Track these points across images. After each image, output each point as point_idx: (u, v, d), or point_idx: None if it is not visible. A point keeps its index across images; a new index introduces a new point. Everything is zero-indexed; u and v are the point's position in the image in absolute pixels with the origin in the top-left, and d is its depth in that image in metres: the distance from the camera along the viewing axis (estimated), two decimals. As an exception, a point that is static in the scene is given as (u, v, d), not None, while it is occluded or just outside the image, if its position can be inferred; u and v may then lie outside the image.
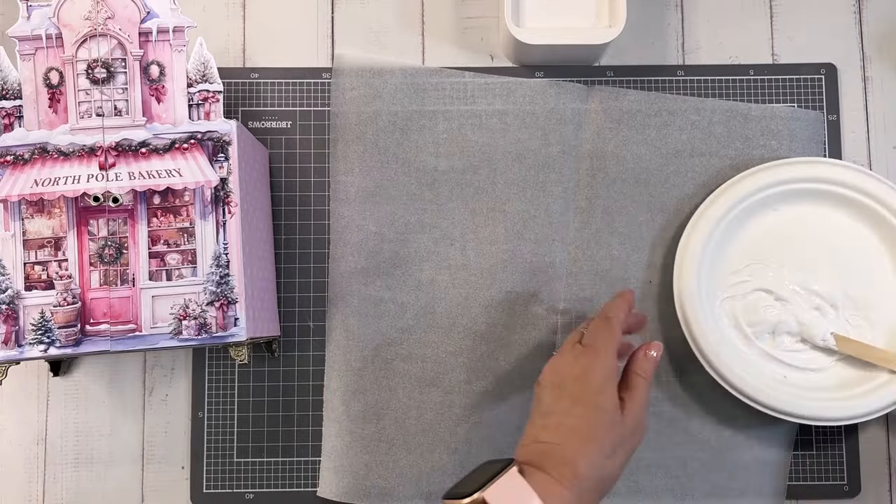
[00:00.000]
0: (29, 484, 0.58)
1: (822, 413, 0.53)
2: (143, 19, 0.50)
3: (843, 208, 0.57)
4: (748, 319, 0.56)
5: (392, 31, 0.61)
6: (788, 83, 0.60)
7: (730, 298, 0.57)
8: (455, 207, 0.58)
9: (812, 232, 0.57)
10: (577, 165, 0.58)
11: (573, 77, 0.60)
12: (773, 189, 0.56)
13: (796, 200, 0.57)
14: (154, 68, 0.50)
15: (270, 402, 0.58)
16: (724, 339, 0.55)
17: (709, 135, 0.59)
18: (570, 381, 0.45)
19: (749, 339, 0.56)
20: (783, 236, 0.57)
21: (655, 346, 0.48)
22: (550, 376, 0.46)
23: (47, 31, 0.50)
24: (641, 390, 0.46)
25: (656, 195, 0.58)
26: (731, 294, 0.57)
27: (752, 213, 0.57)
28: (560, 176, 0.58)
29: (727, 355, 0.54)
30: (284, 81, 0.60)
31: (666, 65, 0.61)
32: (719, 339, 0.55)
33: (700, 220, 0.56)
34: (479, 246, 0.58)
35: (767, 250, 0.57)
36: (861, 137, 0.61)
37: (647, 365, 0.47)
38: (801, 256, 0.57)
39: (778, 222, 0.57)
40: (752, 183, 0.56)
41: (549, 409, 0.45)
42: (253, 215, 0.52)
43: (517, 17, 0.58)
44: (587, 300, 0.57)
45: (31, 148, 0.49)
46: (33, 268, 0.48)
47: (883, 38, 0.61)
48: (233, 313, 0.48)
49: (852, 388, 0.55)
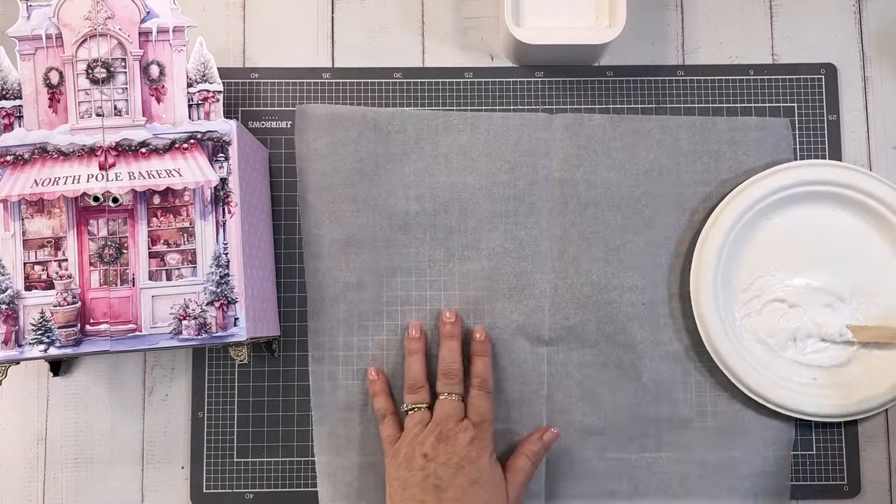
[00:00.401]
0: (29, 484, 0.58)
1: (866, 405, 0.55)
2: (143, 19, 0.50)
3: (827, 203, 0.58)
4: (768, 332, 0.57)
5: (392, 31, 0.61)
6: (788, 83, 0.60)
7: (746, 317, 0.57)
8: (430, 249, 0.58)
9: (805, 233, 0.58)
10: (549, 195, 0.58)
11: (573, 77, 0.60)
12: (764, 201, 0.57)
13: (785, 206, 0.58)
14: (154, 68, 0.50)
15: (270, 402, 0.58)
16: (755, 358, 0.56)
17: (675, 152, 0.59)
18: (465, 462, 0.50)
19: (774, 351, 0.57)
20: (780, 243, 0.58)
21: (550, 434, 0.54)
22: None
23: (47, 31, 0.50)
24: (526, 472, 0.53)
25: (629, 217, 0.58)
26: (746, 312, 0.57)
27: (750, 227, 0.57)
28: (532, 207, 0.58)
29: (760, 374, 0.55)
30: (284, 81, 0.60)
31: (666, 65, 0.61)
32: (750, 361, 0.55)
33: (703, 249, 0.56)
34: (456, 285, 0.58)
35: (768, 260, 0.58)
36: (861, 137, 0.61)
37: (539, 447, 0.54)
38: (802, 259, 0.58)
39: (772, 231, 0.58)
40: (743, 200, 0.56)
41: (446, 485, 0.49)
42: (253, 215, 0.52)
43: (517, 16, 0.58)
44: (571, 328, 0.57)
45: (30, 148, 0.49)
46: (33, 268, 0.48)
47: (883, 38, 0.61)
48: (233, 313, 0.48)
49: (880, 374, 0.56)
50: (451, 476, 0.49)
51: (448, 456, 0.50)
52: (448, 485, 0.49)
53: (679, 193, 0.58)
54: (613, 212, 0.58)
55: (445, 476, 0.49)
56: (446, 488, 0.49)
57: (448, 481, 0.49)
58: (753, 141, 0.59)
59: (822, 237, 0.58)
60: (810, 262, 0.57)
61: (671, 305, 0.58)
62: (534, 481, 0.56)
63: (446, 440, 0.50)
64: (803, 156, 0.60)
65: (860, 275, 0.57)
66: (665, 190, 0.58)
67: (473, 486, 0.49)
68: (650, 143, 0.59)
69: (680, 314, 0.58)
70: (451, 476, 0.49)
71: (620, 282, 0.58)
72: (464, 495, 0.49)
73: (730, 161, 0.59)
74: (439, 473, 0.49)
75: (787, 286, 0.57)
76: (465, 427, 0.51)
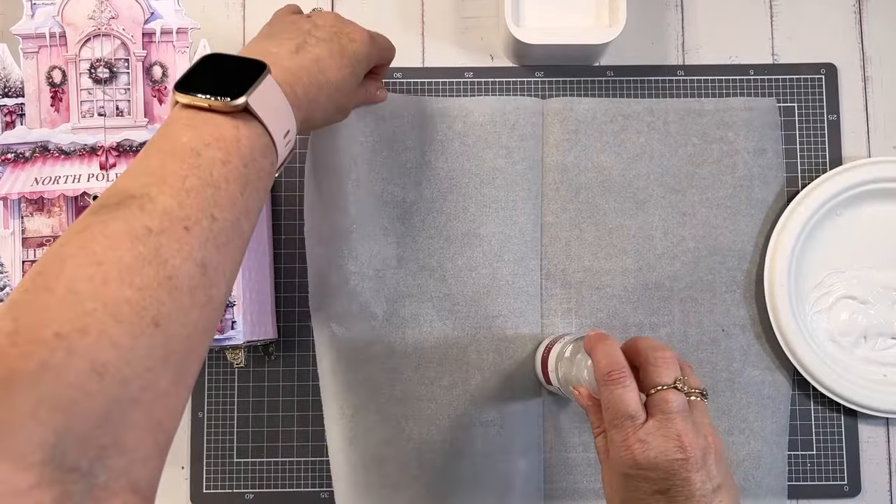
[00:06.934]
0: (29, 483, 0.58)
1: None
2: (146, 20, 0.50)
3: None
4: (840, 329, 0.58)
5: (392, 31, 0.61)
6: (788, 83, 0.60)
7: (817, 313, 0.58)
8: (429, 237, 0.57)
9: (875, 230, 0.58)
10: (542, 180, 0.58)
11: (573, 77, 0.60)
12: (836, 199, 0.57)
13: (856, 204, 0.58)
14: (157, 69, 0.51)
15: (270, 402, 0.58)
16: (828, 355, 0.57)
17: (665, 134, 0.59)
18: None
19: (846, 349, 0.57)
20: (850, 240, 0.58)
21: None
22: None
23: (51, 30, 0.50)
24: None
25: (621, 200, 0.58)
26: (818, 308, 0.58)
27: (821, 223, 0.58)
28: (528, 192, 0.58)
29: (833, 371, 0.56)
30: (285, 81, 0.60)
31: (666, 65, 0.61)
32: (823, 358, 0.56)
33: (777, 247, 0.56)
34: (458, 274, 0.57)
35: (839, 257, 0.58)
36: (861, 137, 0.61)
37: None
38: (872, 256, 0.58)
39: (843, 228, 0.58)
40: (815, 198, 0.57)
41: None
42: (253, 214, 0.52)
43: (517, 16, 0.58)
44: (565, 314, 0.57)
45: (32, 146, 0.49)
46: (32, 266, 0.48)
47: (883, 38, 0.61)
48: (230, 316, 0.48)
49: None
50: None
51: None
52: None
53: (671, 175, 0.58)
54: (605, 196, 0.58)
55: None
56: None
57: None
58: (742, 121, 0.59)
59: (891, 234, 0.58)
60: (881, 260, 0.58)
61: (669, 287, 0.57)
62: (532, 477, 0.56)
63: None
64: (803, 156, 0.60)
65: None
66: (656, 172, 0.58)
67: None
68: (640, 125, 0.59)
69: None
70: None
71: (612, 266, 0.57)
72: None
73: (720, 142, 0.59)
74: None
75: (859, 283, 0.58)
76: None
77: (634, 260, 0.58)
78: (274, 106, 0.37)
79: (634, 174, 0.58)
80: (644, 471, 0.36)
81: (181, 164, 0.33)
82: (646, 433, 0.37)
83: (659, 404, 0.38)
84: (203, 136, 0.34)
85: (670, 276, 0.58)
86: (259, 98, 0.36)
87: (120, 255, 0.29)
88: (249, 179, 0.35)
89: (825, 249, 0.58)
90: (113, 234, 0.30)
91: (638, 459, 0.37)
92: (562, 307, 0.57)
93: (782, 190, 0.59)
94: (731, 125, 0.59)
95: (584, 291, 0.57)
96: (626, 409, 0.38)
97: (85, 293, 0.28)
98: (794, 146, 0.60)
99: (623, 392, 0.38)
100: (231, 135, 0.35)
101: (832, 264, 0.58)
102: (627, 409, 0.38)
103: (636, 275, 0.57)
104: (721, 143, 0.59)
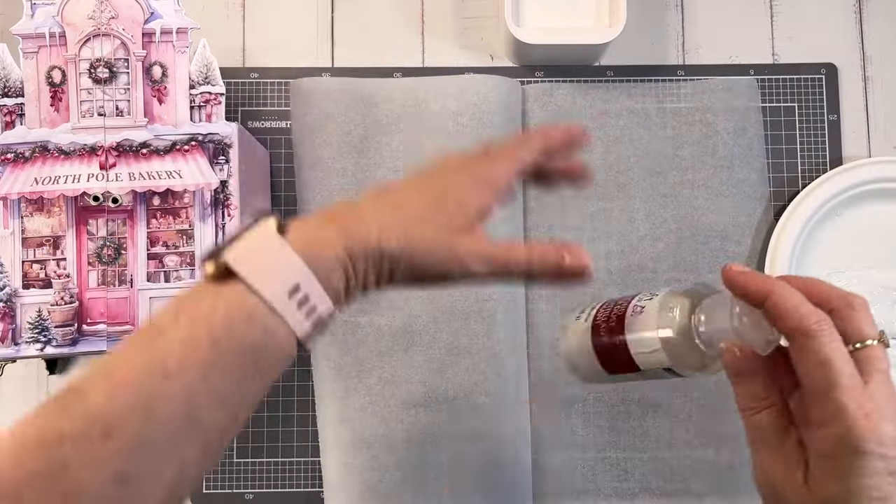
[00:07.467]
0: (28, 484, 0.58)
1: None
2: (146, 20, 0.50)
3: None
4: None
5: (392, 31, 0.62)
6: (789, 83, 0.60)
7: None
8: None
9: (876, 230, 0.58)
10: None
11: (573, 77, 0.60)
12: (836, 199, 0.57)
13: (856, 203, 0.58)
14: (157, 69, 0.51)
15: (270, 402, 0.58)
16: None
17: (644, 117, 0.59)
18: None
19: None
20: (850, 240, 0.58)
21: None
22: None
23: (51, 30, 0.50)
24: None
25: (602, 184, 0.58)
26: None
27: (821, 223, 0.58)
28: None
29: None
30: (284, 81, 0.60)
31: (666, 65, 0.61)
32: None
33: (778, 247, 0.56)
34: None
35: (839, 257, 0.58)
36: (861, 137, 0.61)
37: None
38: (872, 255, 0.58)
39: (843, 228, 0.58)
40: (816, 198, 0.57)
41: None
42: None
43: (517, 16, 0.58)
44: (550, 297, 0.57)
45: (31, 146, 0.49)
46: (31, 266, 0.48)
47: (883, 38, 0.61)
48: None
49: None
50: None
51: None
52: None
53: (651, 158, 0.58)
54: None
55: None
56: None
57: None
58: (720, 101, 0.59)
59: (891, 234, 0.58)
60: (880, 260, 0.58)
61: (651, 268, 0.57)
62: (522, 459, 0.56)
63: None
64: (803, 156, 0.60)
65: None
66: (636, 155, 0.58)
67: None
68: (619, 109, 0.59)
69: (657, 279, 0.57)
70: None
71: (594, 249, 0.57)
72: None
73: (699, 124, 0.59)
74: None
75: (859, 283, 0.58)
76: None
77: (617, 242, 0.58)
78: (267, 259, 0.30)
79: (615, 157, 0.58)
80: (884, 447, 0.29)
81: (134, 348, 0.28)
82: (872, 399, 0.30)
83: (872, 363, 0.31)
84: (178, 308, 0.29)
85: (653, 258, 0.58)
86: (246, 252, 0.30)
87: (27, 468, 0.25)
88: (223, 357, 0.28)
89: (825, 249, 0.58)
90: (25, 439, 0.26)
91: (880, 433, 0.29)
92: (547, 290, 0.57)
93: (763, 168, 0.59)
94: (711, 107, 0.59)
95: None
96: (845, 368, 0.30)
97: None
98: (794, 146, 0.60)
99: (838, 346, 0.31)
100: (208, 305, 0.29)
101: (832, 264, 0.58)
102: (846, 369, 0.30)
103: (619, 257, 0.58)
104: (701, 125, 0.59)
